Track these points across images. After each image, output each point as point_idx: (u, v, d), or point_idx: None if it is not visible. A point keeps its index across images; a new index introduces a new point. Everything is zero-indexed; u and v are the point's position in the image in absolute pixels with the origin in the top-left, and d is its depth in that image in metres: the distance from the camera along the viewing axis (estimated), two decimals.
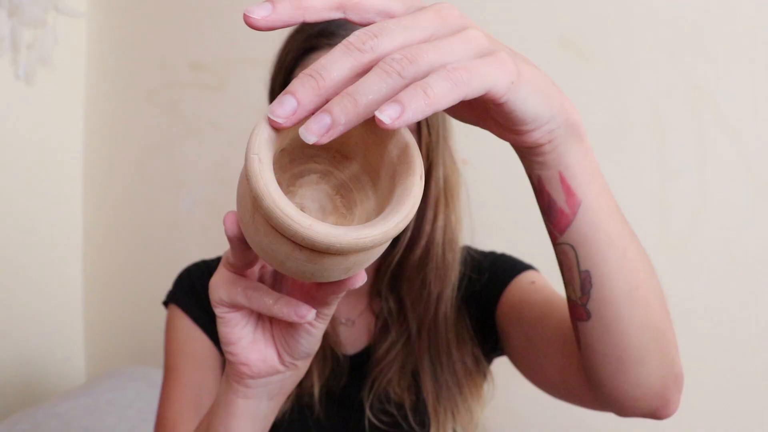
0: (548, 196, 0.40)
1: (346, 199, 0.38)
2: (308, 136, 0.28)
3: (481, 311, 0.73)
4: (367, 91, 0.28)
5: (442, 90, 0.28)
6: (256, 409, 0.45)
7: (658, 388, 0.47)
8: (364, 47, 0.29)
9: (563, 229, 0.41)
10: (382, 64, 0.29)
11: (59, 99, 1.47)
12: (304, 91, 0.29)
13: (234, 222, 0.37)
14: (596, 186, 0.40)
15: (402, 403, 0.69)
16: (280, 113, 0.30)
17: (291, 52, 0.68)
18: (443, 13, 0.32)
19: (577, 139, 0.38)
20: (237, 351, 0.43)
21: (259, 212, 0.32)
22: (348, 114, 0.28)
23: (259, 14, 0.31)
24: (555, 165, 0.38)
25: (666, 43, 1.11)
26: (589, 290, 0.43)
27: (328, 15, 0.32)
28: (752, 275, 1.09)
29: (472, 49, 0.31)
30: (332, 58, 0.29)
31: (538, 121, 0.35)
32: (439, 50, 0.30)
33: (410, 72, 0.29)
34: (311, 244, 0.31)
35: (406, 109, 0.27)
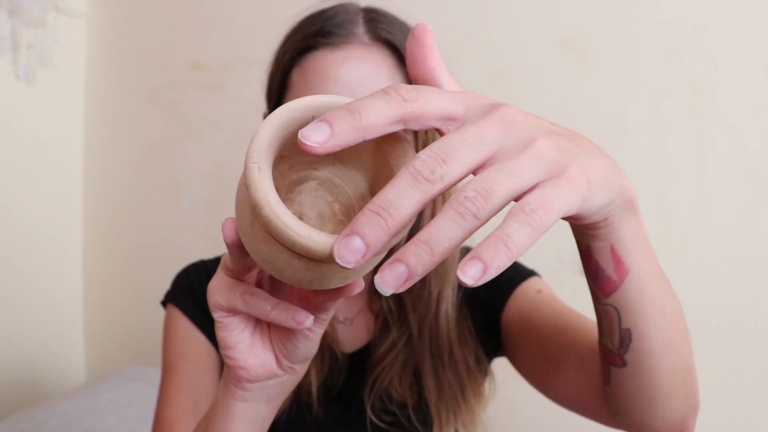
0: (596, 264, 0.40)
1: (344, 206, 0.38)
2: (385, 288, 0.27)
3: (484, 314, 0.73)
4: (443, 238, 0.27)
5: (522, 239, 0.27)
6: (254, 413, 0.45)
7: (680, 419, 0.49)
8: (433, 177, 0.27)
9: (609, 293, 0.42)
10: (456, 204, 0.27)
11: (59, 99, 1.47)
12: (372, 233, 0.27)
13: (232, 229, 0.37)
14: (645, 254, 0.40)
15: (404, 403, 0.69)
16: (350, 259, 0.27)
17: (288, 52, 0.68)
18: (509, 122, 0.29)
19: (631, 212, 0.38)
20: (235, 355, 0.43)
21: (258, 220, 0.32)
22: (425, 265, 0.27)
23: (316, 140, 0.28)
24: (607, 239, 0.38)
25: (666, 44, 1.11)
26: (628, 344, 0.44)
27: (388, 130, 0.30)
28: (752, 275, 1.09)
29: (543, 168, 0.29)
30: (399, 191, 0.27)
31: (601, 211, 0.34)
32: (510, 178, 0.28)
33: (486, 213, 0.27)
34: (310, 253, 0.31)
35: (490, 267, 0.26)
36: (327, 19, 0.66)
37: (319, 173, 0.38)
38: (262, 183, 0.30)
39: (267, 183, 0.31)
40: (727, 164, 1.09)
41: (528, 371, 0.68)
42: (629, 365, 0.45)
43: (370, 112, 0.29)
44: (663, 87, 1.12)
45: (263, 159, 0.31)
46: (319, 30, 0.65)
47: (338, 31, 0.65)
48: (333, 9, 0.68)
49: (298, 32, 0.68)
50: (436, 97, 0.30)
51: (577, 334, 0.59)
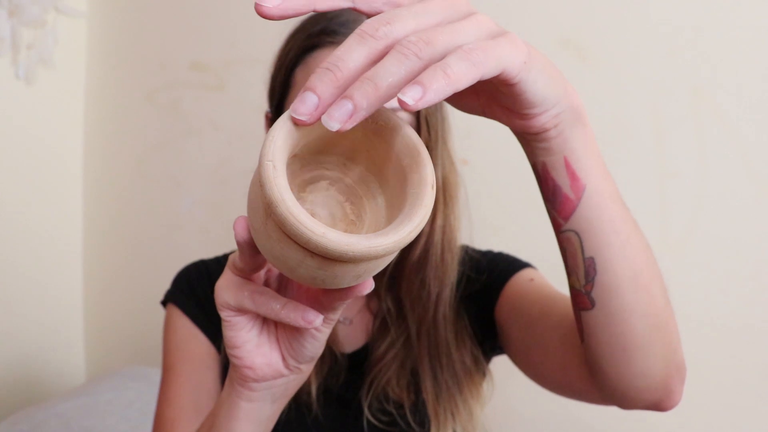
0: (553, 182, 0.40)
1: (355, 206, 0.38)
2: (331, 123, 0.29)
3: (480, 310, 0.73)
4: (386, 74, 0.28)
5: (460, 69, 0.29)
6: (259, 412, 0.45)
7: (662, 378, 0.47)
8: (377, 34, 0.30)
9: (568, 215, 0.41)
10: (399, 47, 0.29)
11: (59, 99, 1.47)
12: (323, 85, 0.29)
13: (244, 227, 0.37)
14: (600, 170, 0.40)
15: (401, 403, 0.69)
16: (302, 111, 0.30)
17: (292, 50, 0.68)
18: (451, 0, 0.32)
19: (580, 123, 0.38)
20: (242, 354, 0.43)
21: (272, 219, 0.32)
22: (369, 98, 0.28)
23: (271, 3, 0.31)
24: (560, 150, 0.39)
25: (666, 44, 1.11)
26: (593, 278, 0.43)
27: (338, 4, 0.32)
28: (752, 275, 1.09)
29: (484, 32, 0.32)
30: (347, 48, 0.29)
31: (546, 103, 0.35)
32: (452, 33, 0.30)
33: (427, 53, 0.29)
34: (324, 252, 0.31)
35: (428, 89, 0.28)
36: (331, 18, 0.66)
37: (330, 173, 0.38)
38: (278, 181, 0.30)
39: (282, 181, 0.31)
40: (727, 164, 1.09)
41: (520, 358, 0.68)
42: (597, 305, 0.44)
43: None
44: (663, 87, 1.12)
45: (278, 157, 0.31)
46: (323, 29, 0.65)
47: (343, 30, 0.65)
48: None
49: (302, 31, 0.68)
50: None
51: (561, 313, 0.59)
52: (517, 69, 0.32)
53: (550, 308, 0.61)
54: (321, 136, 0.35)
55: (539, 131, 0.37)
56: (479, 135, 1.12)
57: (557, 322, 0.59)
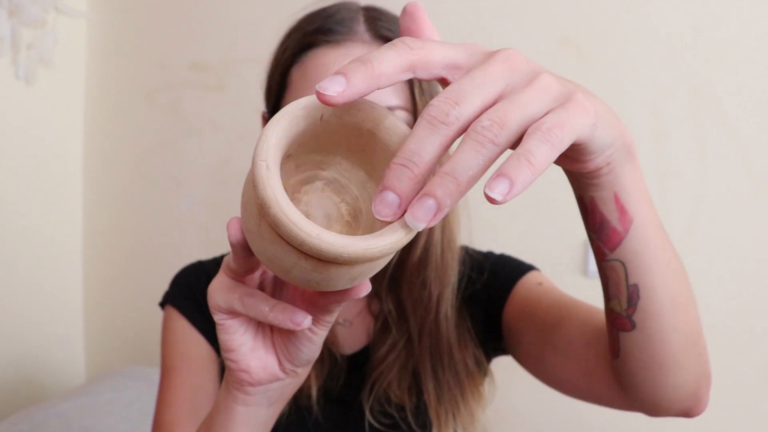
0: (601, 216, 0.41)
1: (351, 207, 0.37)
2: (416, 224, 0.28)
3: (485, 312, 0.72)
4: (466, 168, 0.28)
5: (543, 154, 0.28)
6: (256, 416, 0.45)
7: (693, 389, 0.48)
8: (449, 120, 0.28)
9: (614, 247, 0.42)
10: (473, 134, 0.28)
11: (59, 99, 1.47)
12: (402, 184, 0.28)
13: (238, 228, 0.37)
14: (647, 203, 0.41)
15: (402, 405, 0.69)
16: (386, 213, 0.29)
17: (288, 50, 0.67)
18: (512, 62, 0.31)
19: (631, 159, 0.39)
20: (237, 358, 0.42)
21: (266, 220, 0.31)
22: (452, 196, 0.28)
23: (334, 90, 0.29)
24: (610, 186, 0.39)
25: (666, 44, 1.11)
26: (635, 302, 0.44)
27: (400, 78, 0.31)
28: (752, 274, 1.09)
29: (550, 97, 0.30)
30: (420, 139, 0.28)
31: (605, 150, 0.36)
32: (522, 107, 0.29)
33: (503, 138, 0.28)
34: (318, 254, 0.30)
35: (515, 182, 0.27)
36: (327, 17, 0.66)
37: (325, 173, 0.37)
38: (271, 181, 0.30)
39: (276, 181, 0.30)
40: (727, 164, 1.09)
41: (533, 363, 0.68)
42: (638, 327, 0.45)
43: (382, 61, 0.30)
44: (663, 87, 1.12)
45: (271, 157, 0.31)
46: (319, 27, 0.65)
47: (339, 29, 0.64)
48: (333, 7, 0.67)
49: (298, 30, 0.67)
50: (439, 46, 0.32)
51: (582, 319, 0.59)
52: (588, 134, 0.32)
53: (567, 313, 0.62)
54: (316, 136, 0.34)
55: (592, 170, 0.37)
56: None
57: (578, 329, 0.59)
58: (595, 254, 0.44)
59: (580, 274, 1.17)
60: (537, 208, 1.18)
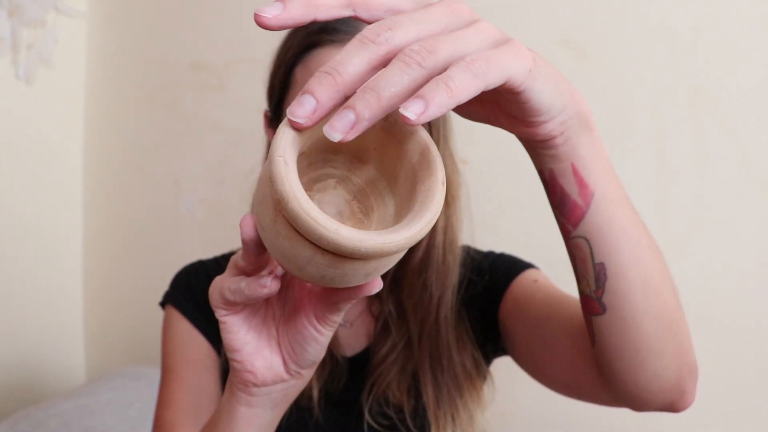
0: (561, 189, 0.40)
1: (363, 205, 0.37)
2: (333, 133, 0.28)
3: (482, 312, 0.72)
4: (388, 84, 0.28)
5: (463, 82, 0.28)
6: (259, 418, 0.45)
7: (675, 379, 0.47)
8: (378, 39, 0.29)
9: (577, 221, 0.41)
10: (401, 56, 0.29)
11: (59, 99, 1.46)
12: (322, 88, 0.29)
13: (251, 225, 0.36)
14: (608, 176, 0.40)
15: (401, 407, 0.69)
16: (300, 113, 0.29)
17: (291, 49, 0.67)
18: (454, 7, 0.32)
19: (587, 130, 0.38)
20: (242, 358, 0.42)
21: (282, 215, 0.32)
22: (372, 109, 0.28)
23: (270, 13, 0.30)
24: (567, 157, 0.38)
25: (666, 44, 1.11)
26: (603, 283, 0.43)
27: (339, 13, 0.32)
28: (753, 275, 1.09)
29: (487, 40, 0.31)
30: (348, 53, 0.29)
31: (552, 111, 0.35)
32: (455, 41, 0.30)
33: (430, 62, 0.29)
34: (335, 248, 0.30)
35: (430, 103, 0.27)
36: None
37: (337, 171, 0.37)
38: (289, 177, 0.30)
39: (294, 177, 0.30)
40: (727, 164, 1.09)
41: (525, 360, 0.68)
42: (608, 310, 0.44)
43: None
44: (663, 87, 1.12)
45: (289, 153, 0.31)
46: (323, 27, 0.65)
47: (343, 28, 0.64)
48: None
49: (302, 29, 0.67)
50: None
51: (570, 313, 0.58)
52: (522, 78, 0.32)
53: (558, 310, 0.61)
54: None
55: (546, 138, 0.37)
56: (480, 135, 1.12)
57: (565, 324, 0.58)
58: (562, 233, 0.43)
59: None
60: (537, 207, 1.18)
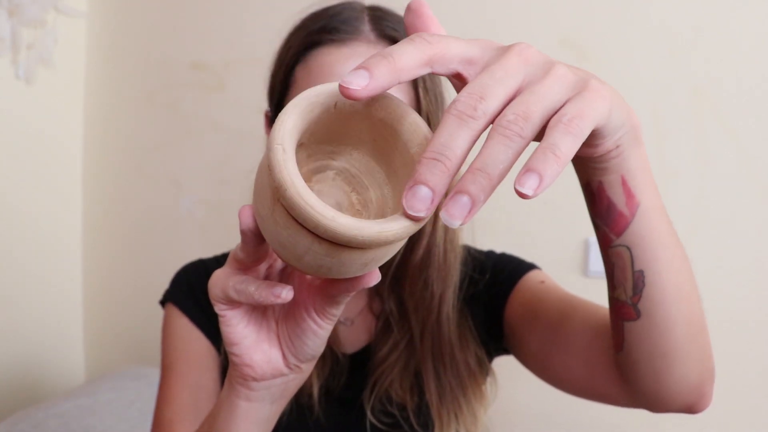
0: (608, 200, 0.41)
1: (361, 196, 0.37)
2: (452, 221, 0.28)
3: (486, 311, 0.72)
4: (496, 161, 0.28)
5: (567, 146, 0.29)
6: (258, 412, 0.45)
7: (697, 383, 0.49)
8: (476, 114, 0.29)
9: (621, 231, 0.42)
10: (500, 129, 0.29)
11: (59, 99, 1.46)
12: (435, 177, 0.29)
13: (250, 215, 0.37)
14: (651, 187, 0.41)
15: (404, 405, 0.69)
16: (419, 207, 0.29)
17: (292, 48, 0.67)
18: (526, 55, 0.32)
19: (637, 142, 0.39)
20: (240, 352, 0.42)
21: (280, 203, 0.32)
22: (485, 191, 0.28)
23: (358, 84, 0.30)
24: (618, 170, 0.39)
25: (666, 44, 1.12)
26: (641, 290, 0.44)
27: (419, 72, 0.32)
28: (753, 275, 1.09)
29: (567, 86, 0.31)
30: (449, 133, 0.29)
31: (616, 132, 0.36)
32: (543, 99, 0.30)
33: (528, 131, 0.29)
34: (333, 236, 0.30)
35: (544, 176, 0.28)
36: (332, 16, 0.65)
37: (336, 163, 0.38)
38: (288, 164, 0.30)
39: (291, 165, 0.30)
40: (727, 164, 1.09)
41: (535, 361, 0.68)
42: (643, 315, 0.45)
43: (402, 55, 0.31)
44: (663, 87, 1.12)
45: (287, 141, 0.31)
46: (324, 26, 0.65)
47: (344, 28, 0.64)
48: (338, 6, 0.67)
49: (303, 29, 0.67)
50: (455, 41, 0.33)
51: (585, 315, 0.59)
52: (606, 119, 0.33)
53: (571, 310, 0.62)
54: (328, 125, 0.35)
55: (603, 154, 0.38)
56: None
57: (581, 326, 0.59)
58: (601, 241, 0.44)
59: (580, 274, 1.17)
60: (537, 208, 1.19)
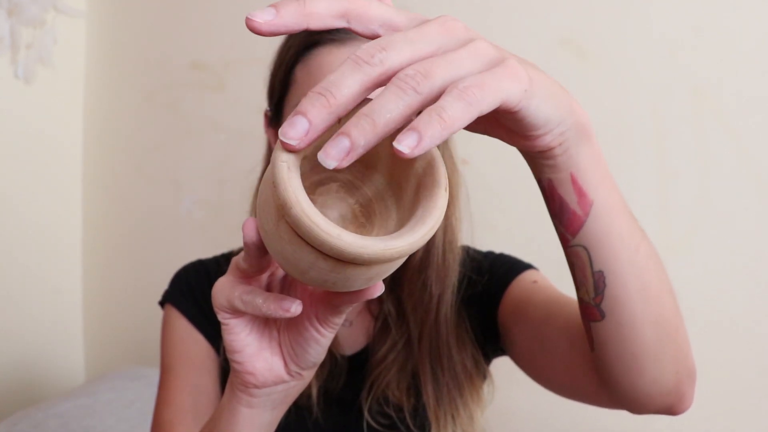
0: (560, 199, 0.40)
1: (365, 209, 0.37)
2: (327, 161, 0.28)
3: (482, 312, 0.72)
4: (383, 110, 0.28)
5: (456, 112, 0.28)
6: (260, 418, 0.45)
7: (673, 384, 0.47)
8: (372, 60, 0.29)
9: (576, 231, 0.41)
10: (396, 80, 0.28)
11: (58, 99, 1.46)
12: (315, 110, 0.28)
13: (254, 229, 0.36)
14: (607, 185, 0.40)
15: (401, 406, 0.69)
16: (292, 135, 0.29)
17: (292, 48, 0.67)
18: (448, 26, 0.31)
19: (586, 139, 0.38)
20: (242, 359, 0.42)
21: (285, 220, 0.31)
22: (367, 136, 0.28)
23: (262, 18, 0.30)
24: (566, 167, 0.38)
25: (666, 44, 1.11)
26: (602, 290, 0.43)
27: (332, 23, 0.32)
28: (753, 275, 1.09)
29: (482, 61, 0.30)
30: (341, 74, 0.29)
31: (550, 124, 0.35)
32: (450, 64, 0.29)
33: (425, 88, 0.28)
34: (338, 254, 0.30)
35: (424, 136, 0.27)
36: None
37: (340, 175, 0.37)
38: (292, 182, 0.30)
39: (296, 182, 0.30)
40: (727, 164, 1.09)
41: (524, 361, 0.68)
42: (607, 316, 0.44)
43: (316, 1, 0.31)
44: (663, 87, 1.12)
45: (292, 158, 0.31)
46: None
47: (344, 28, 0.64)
48: None
49: None
50: (380, 4, 0.32)
51: (568, 315, 0.58)
52: (517, 99, 0.31)
53: (556, 312, 0.61)
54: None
55: (543, 150, 0.37)
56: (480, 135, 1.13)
57: (563, 325, 0.58)
58: (560, 240, 0.43)
59: None
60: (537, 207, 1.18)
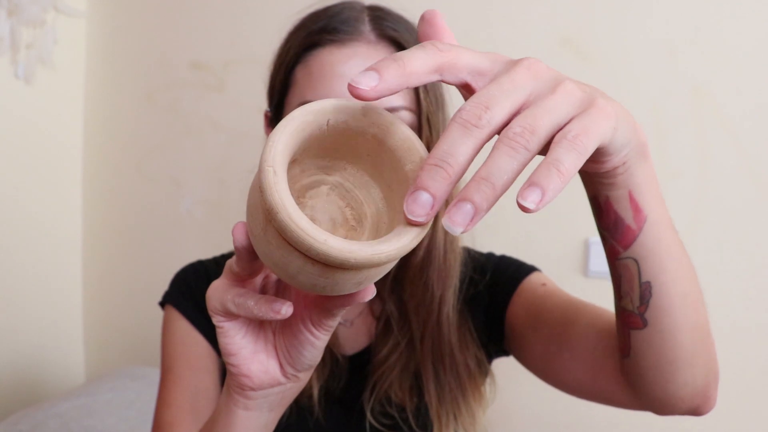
0: (615, 215, 0.41)
1: (356, 212, 0.37)
2: (454, 228, 0.28)
3: (487, 314, 0.72)
4: (501, 172, 0.28)
5: (571, 162, 0.29)
6: (257, 420, 0.45)
7: (703, 386, 0.49)
8: (480, 123, 0.29)
9: (628, 244, 0.43)
10: (506, 140, 0.29)
11: (59, 99, 1.46)
12: (436, 183, 0.29)
13: (243, 233, 0.37)
14: (659, 201, 0.42)
15: (403, 406, 0.69)
16: (419, 212, 0.30)
17: (292, 49, 0.67)
18: (534, 69, 0.32)
19: (644, 157, 0.39)
20: (238, 362, 0.43)
21: (272, 225, 0.31)
22: (489, 199, 0.28)
23: (367, 85, 0.30)
24: (625, 185, 0.40)
25: (666, 44, 1.11)
26: (648, 300, 0.45)
27: (429, 78, 0.32)
28: (753, 275, 1.09)
29: (576, 102, 0.32)
30: (453, 141, 0.29)
31: (622, 150, 0.36)
32: (550, 114, 0.30)
33: (534, 144, 0.29)
34: (325, 259, 0.30)
35: (546, 190, 0.28)
36: (332, 16, 0.65)
37: (330, 178, 0.37)
38: (278, 187, 0.30)
39: (283, 187, 0.30)
40: (727, 164, 1.09)
41: (537, 364, 0.68)
42: (650, 324, 0.46)
43: (413, 60, 0.31)
44: (663, 87, 1.12)
45: (279, 162, 0.31)
46: (324, 26, 0.64)
47: (344, 28, 0.64)
48: (338, 6, 0.67)
49: (303, 29, 0.67)
50: (466, 51, 0.33)
51: (590, 319, 0.60)
52: (610, 137, 0.33)
53: (574, 314, 0.62)
54: (321, 141, 0.35)
55: (609, 170, 0.38)
56: None
57: (586, 329, 0.60)
58: (608, 253, 0.45)
59: (580, 274, 1.17)
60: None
